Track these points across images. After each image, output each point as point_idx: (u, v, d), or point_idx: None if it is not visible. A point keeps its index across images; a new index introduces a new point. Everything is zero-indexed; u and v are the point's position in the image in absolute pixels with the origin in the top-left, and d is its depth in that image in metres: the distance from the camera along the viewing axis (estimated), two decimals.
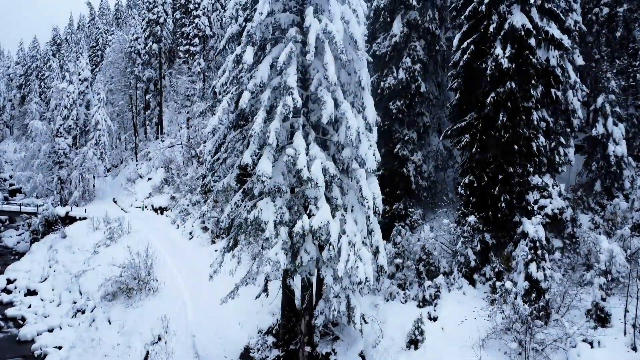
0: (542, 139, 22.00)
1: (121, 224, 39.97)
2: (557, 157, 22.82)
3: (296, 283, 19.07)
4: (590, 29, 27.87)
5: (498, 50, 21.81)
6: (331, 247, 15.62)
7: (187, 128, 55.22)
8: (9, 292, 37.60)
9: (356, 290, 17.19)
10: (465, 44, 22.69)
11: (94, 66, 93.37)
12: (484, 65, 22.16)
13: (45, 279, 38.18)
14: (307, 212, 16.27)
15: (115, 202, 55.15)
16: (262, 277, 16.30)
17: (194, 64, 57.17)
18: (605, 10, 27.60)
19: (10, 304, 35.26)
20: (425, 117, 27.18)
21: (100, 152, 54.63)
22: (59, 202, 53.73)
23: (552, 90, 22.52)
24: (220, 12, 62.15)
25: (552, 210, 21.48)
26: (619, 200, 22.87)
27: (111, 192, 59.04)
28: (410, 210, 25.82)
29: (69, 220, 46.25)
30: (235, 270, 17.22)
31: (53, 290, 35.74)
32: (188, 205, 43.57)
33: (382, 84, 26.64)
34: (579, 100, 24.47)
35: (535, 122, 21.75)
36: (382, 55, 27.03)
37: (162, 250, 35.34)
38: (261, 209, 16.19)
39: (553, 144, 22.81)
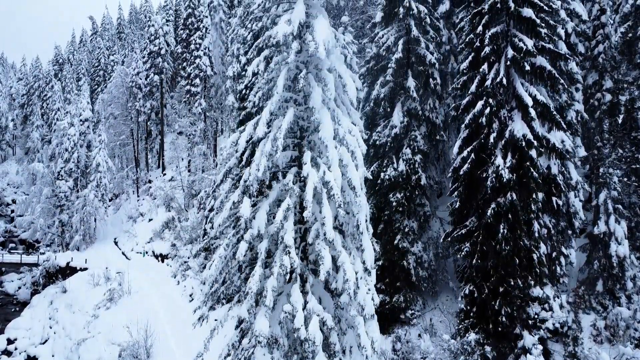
0: (543, 248, 21.82)
1: (121, 282, 39.94)
2: (558, 268, 22.60)
3: None
4: (593, 114, 27.60)
5: (499, 160, 21.61)
6: None
7: (188, 171, 55.12)
8: (9, 354, 37.74)
9: None
10: (465, 153, 22.48)
11: (97, 86, 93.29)
12: (484, 175, 21.97)
13: (46, 340, 38.23)
14: None
15: (116, 243, 55.14)
16: None
17: (195, 104, 56.95)
18: (608, 97, 27.31)
19: None
20: (426, 207, 26.99)
21: (101, 194, 54.59)
22: (60, 245, 53.78)
23: (554, 199, 22.31)
24: (221, 48, 61.92)
25: (554, 324, 21.34)
26: (621, 309, 22.69)
27: (112, 230, 59.00)
28: (410, 309, 25.64)
29: (69, 270, 46.20)
30: None
31: (53, 356, 35.75)
32: (189, 258, 43.61)
33: (382, 174, 26.42)
34: (580, 200, 24.25)
35: (537, 234, 21.56)
36: (382, 145, 26.83)
37: (162, 316, 35.49)
38: None
39: (554, 254, 22.61)
